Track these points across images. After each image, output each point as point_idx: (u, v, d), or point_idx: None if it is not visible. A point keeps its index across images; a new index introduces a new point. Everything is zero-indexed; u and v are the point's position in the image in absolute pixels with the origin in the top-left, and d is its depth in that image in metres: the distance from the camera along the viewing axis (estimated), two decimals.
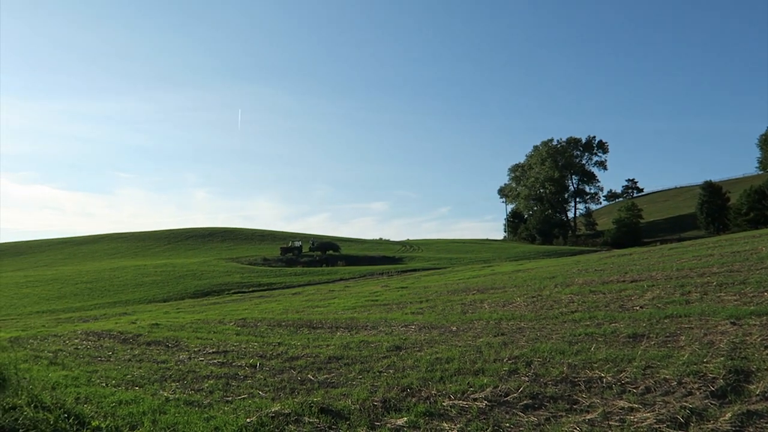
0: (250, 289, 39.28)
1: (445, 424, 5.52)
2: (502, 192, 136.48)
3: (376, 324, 13.37)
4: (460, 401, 6.18)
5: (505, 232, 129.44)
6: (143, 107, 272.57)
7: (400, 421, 5.68)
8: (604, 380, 6.48)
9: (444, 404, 6.13)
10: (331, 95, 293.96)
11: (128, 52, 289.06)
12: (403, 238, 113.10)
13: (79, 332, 16.98)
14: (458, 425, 5.47)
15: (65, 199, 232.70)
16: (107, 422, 6.34)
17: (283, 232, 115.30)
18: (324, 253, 71.44)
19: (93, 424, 6.18)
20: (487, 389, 6.49)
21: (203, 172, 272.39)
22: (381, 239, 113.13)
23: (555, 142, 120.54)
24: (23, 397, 6.96)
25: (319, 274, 47.82)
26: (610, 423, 5.21)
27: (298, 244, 75.39)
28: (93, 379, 9.40)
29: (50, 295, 44.24)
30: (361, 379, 7.86)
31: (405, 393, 6.72)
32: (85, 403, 7.43)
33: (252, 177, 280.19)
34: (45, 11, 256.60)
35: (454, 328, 11.58)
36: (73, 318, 27.05)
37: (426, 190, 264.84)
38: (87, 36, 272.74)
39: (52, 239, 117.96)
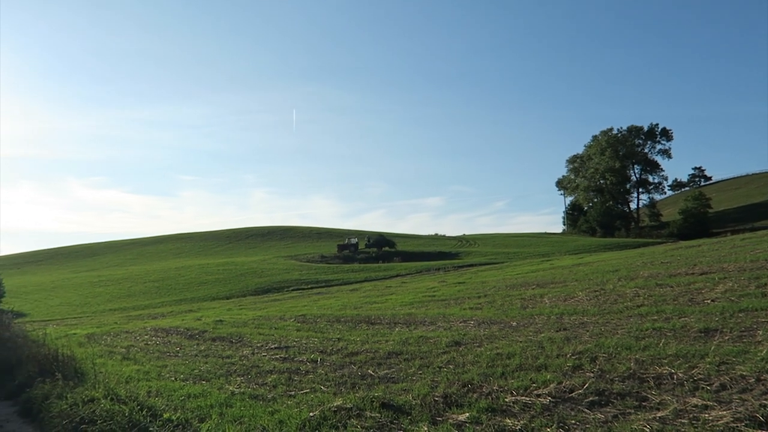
0: (309, 286, 39.95)
1: (508, 421, 5.43)
2: (561, 184, 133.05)
3: (434, 319, 13.32)
4: (523, 397, 6.07)
5: (563, 225, 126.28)
6: (205, 111, 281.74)
7: (462, 417, 5.64)
8: (675, 377, 6.22)
9: (506, 400, 6.03)
10: (385, 92, 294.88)
11: (190, 59, 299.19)
12: (459, 234, 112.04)
13: (149, 329, 17.74)
14: (522, 421, 5.37)
15: (133, 203, 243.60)
16: (177, 415, 6.58)
17: (339, 229, 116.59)
18: (380, 250, 71.77)
19: (164, 416, 6.44)
20: (551, 385, 6.35)
21: (262, 173, 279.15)
22: (437, 235, 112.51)
23: (615, 132, 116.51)
24: (100, 390, 7.33)
25: (376, 270, 48.10)
26: (683, 421, 4.99)
27: (354, 241, 76.00)
28: (163, 374, 9.79)
29: (121, 294, 46.41)
30: (421, 374, 7.85)
31: (466, 389, 6.66)
32: (157, 397, 7.75)
33: (309, 176, 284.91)
34: (111, 21, 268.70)
35: (514, 324, 11.39)
36: (142, 315, 28.29)
37: (481, 185, 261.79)
38: (151, 45, 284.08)
39: (122, 240, 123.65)
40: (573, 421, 5.28)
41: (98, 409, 6.50)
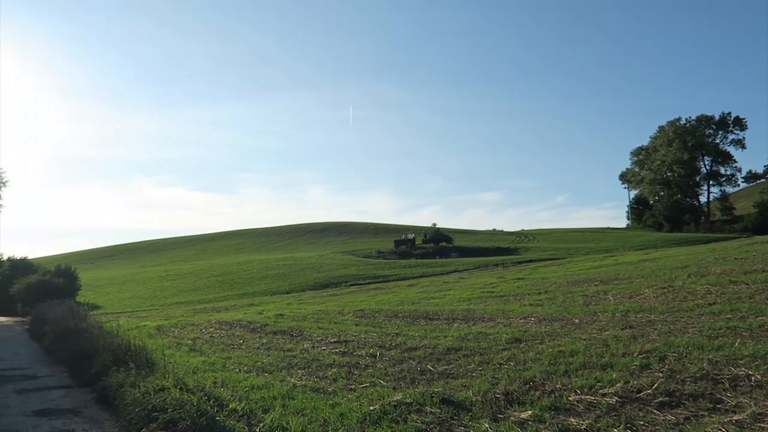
0: (366, 281, 40.27)
1: (573, 420, 5.29)
2: (624, 177, 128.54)
3: (493, 316, 13.16)
4: (588, 396, 5.91)
5: (628, 219, 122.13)
6: (264, 110, 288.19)
7: (524, 415, 5.54)
8: (753, 378, 5.89)
9: (570, 399, 5.88)
10: (440, 87, 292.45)
11: (251, 59, 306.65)
12: (517, 229, 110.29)
13: (213, 322, 18.35)
14: (587, 421, 5.23)
15: (197, 200, 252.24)
16: (242, 405, 6.78)
17: (395, 225, 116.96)
18: (437, 245, 71.55)
19: (230, 406, 6.64)
20: (617, 384, 6.14)
21: (319, 169, 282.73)
22: (494, 230, 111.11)
23: (683, 122, 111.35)
24: (170, 379, 7.63)
25: (433, 266, 47.97)
26: (763, 426, 4.72)
27: (411, 236, 76.07)
28: (227, 365, 10.10)
29: (186, 288, 48.23)
30: (480, 370, 7.77)
31: (528, 386, 6.54)
32: (222, 387, 8.00)
33: (365, 172, 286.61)
34: (180, 24, 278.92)
35: (577, 321, 11.10)
36: (207, 308, 29.28)
37: (541, 179, 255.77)
38: (216, 47, 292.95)
39: (186, 237, 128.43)
40: (641, 422, 5.09)
41: (169, 397, 6.77)
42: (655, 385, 5.98)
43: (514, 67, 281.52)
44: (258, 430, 5.86)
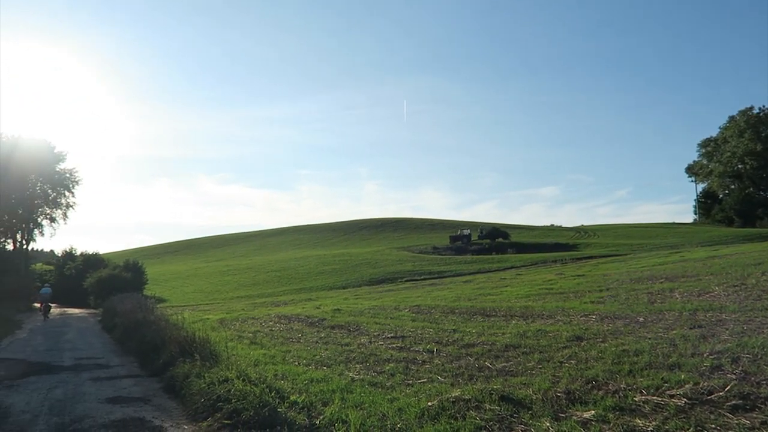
0: (422, 277, 40.24)
1: (639, 421, 5.12)
2: (691, 170, 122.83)
3: (552, 313, 12.89)
4: (654, 397, 5.70)
5: (695, 214, 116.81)
6: (320, 107, 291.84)
7: (586, 414, 5.40)
8: None
9: (635, 399, 5.69)
10: (495, 81, 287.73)
11: (308, 56, 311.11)
12: (576, 224, 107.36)
13: (273, 316, 18.80)
14: (654, 423, 5.04)
15: (255, 197, 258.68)
16: (302, 398, 6.91)
17: (451, 220, 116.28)
18: (493, 241, 70.63)
19: (291, 398, 6.79)
20: (686, 386, 5.90)
21: (374, 165, 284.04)
22: (552, 226, 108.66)
23: (756, 111, 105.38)
24: (233, 371, 7.88)
25: (489, 262, 47.42)
26: None
27: (467, 232, 75.41)
28: (287, 358, 10.33)
29: (246, 282, 49.58)
30: (540, 368, 7.63)
31: (590, 385, 6.37)
32: (282, 379, 8.18)
33: (420, 167, 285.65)
34: (242, 24, 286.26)
35: (641, 319, 10.72)
36: (266, 302, 30.01)
37: (601, 172, 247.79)
38: (274, 45, 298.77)
39: (246, 233, 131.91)
40: (713, 426, 4.87)
41: (232, 389, 6.99)
42: (728, 387, 5.71)
43: (571, 59, 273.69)
44: (318, 422, 5.96)
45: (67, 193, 54.89)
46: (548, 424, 5.28)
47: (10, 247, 53.48)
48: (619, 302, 13.46)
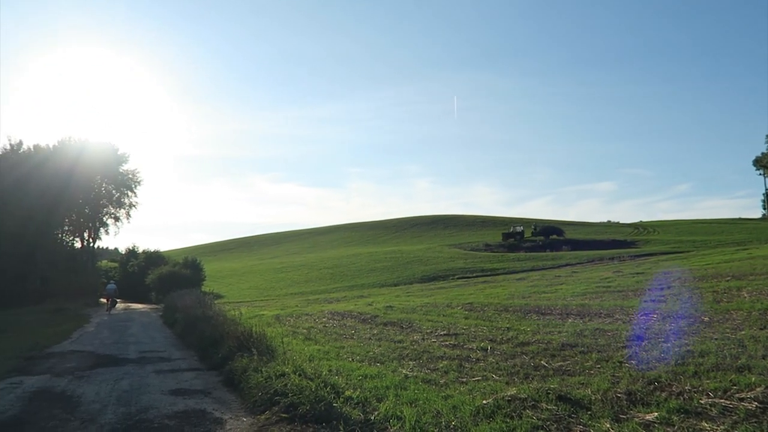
0: (474, 275, 39.86)
1: (705, 424, 4.91)
2: (760, 163, 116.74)
3: (610, 311, 12.53)
4: (722, 400, 5.45)
5: (764, 209, 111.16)
6: (371, 105, 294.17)
7: (649, 416, 5.22)
8: None
9: (701, 402, 5.46)
10: (547, 74, 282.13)
11: (361, 55, 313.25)
12: (635, 220, 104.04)
13: (326, 312, 19.04)
14: (722, 427, 4.83)
15: (308, 195, 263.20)
16: (357, 393, 6.97)
17: (503, 217, 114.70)
18: (547, 238, 69.26)
19: (346, 393, 6.87)
20: (757, 389, 5.61)
21: (425, 162, 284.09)
22: (609, 222, 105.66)
23: None
24: (289, 366, 8.03)
25: (543, 259, 46.51)
26: None
27: (519, 229, 74.19)
28: (341, 354, 10.43)
29: (300, 279, 50.40)
30: (599, 368, 7.43)
31: (652, 386, 6.16)
32: (337, 375, 8.27)
33: (471, 164, 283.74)
34: (297, 25, 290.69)
35: (706, 319, 10.28)
36: (319, 299, 30.43)
37: (661, 167, 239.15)
38: (327, 46, 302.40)
39: (298, 230, 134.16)
40: None
41: (289, 383, 7.13)
42: None
43: (627, 49, 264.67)
44: (373, 418, 5.99)
45: (129, 193, 57.36)
46: (608, 426, 5.13)
47: (78, 245, 56.30)
48: (681, 301, 12.95)
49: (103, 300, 40.92)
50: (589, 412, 5.58)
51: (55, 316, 26.68)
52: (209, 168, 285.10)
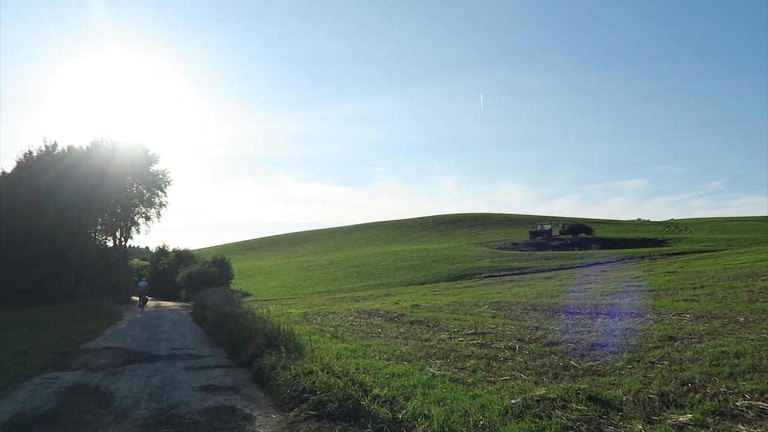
0: (501, 273, 39.56)
1: (742, 427, 4.79)
2: None
3: (641, 311, 12.31)
4: (759, 402, 5.31)
5: None
6: (397, 104, 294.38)
7: (683, 418, 5.12)
8: None
9: (737, 404, 5.33)
10: (574, 70, 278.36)
11: (386, 54, 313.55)
12: (666, 218, 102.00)
13: (353, 310, 19.10)
14: (759, 429, 4.71)
15: (334, 194, 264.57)
16: (384, 392, 6.97)
17: (530, 215, 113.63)
18: (575, 236, 68.37)
19: (373, 392, 6.87)
20: None
21: (451, 161, 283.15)
22: (639, 220, 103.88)
23: None
24: (317, 364, 8.08)
25: (571, 258, 45.93)
26: None
27: (547, 227, 73.39)
28: (368, 353, 10.45)
29: (326, 277, 50.66)
30: (630, 368, 7.30)
31: (686, 388, 6.04)
32: (364, 373, 8.28)
33: (497, 162, 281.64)
34: (327, 25, 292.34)
35: (741, 319, 10.03)
36: (345, 297, 30.55)
37: (693, 163, 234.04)
38: (344, 47, 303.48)
39: (325, 229, 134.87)
40: None
41: (317, 381, 7.18)
42: None
43: (657, 44, 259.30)
44: (401, 416, 5.99)
45: (159, 193, 58.27)
46: (640, 427, 5.04)
47: (110, 244, 57.52)
48: (715, 301, 12.67)
49: (135, 298, 41.79)
50: (620, 413, 5.49)
51: (89, 314, 27.29)
52: (237, 168, 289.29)
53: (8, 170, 47.28)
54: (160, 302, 44.47)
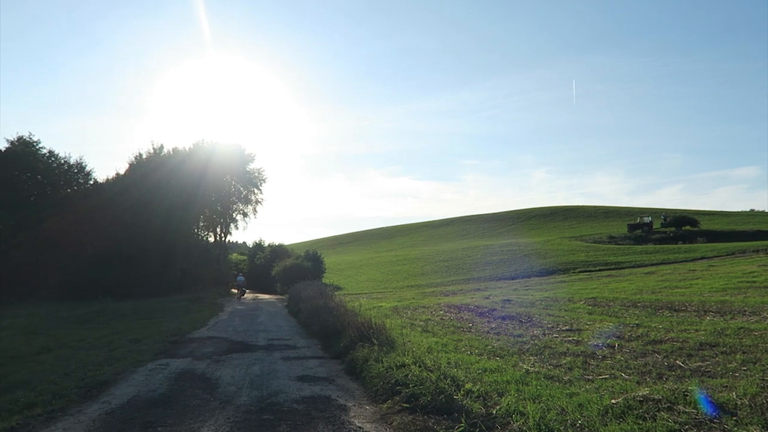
0: (597, 268, 37.94)
1: None
2: None
3: (756, 309, 11.39)
4: None
5: None
6: (485, 96, 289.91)
7: None
8: None
9: None
10: (673, 52, 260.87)
11: (474, 46, 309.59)
12: None
13: (442, 305, 19.05)
14: None
15: (422, 188, 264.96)
16: (477, 387, 6.90)
17: (628, 207, 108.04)
18: (679, 229, 64.22)
19: (466, 386, 6.83)
20: None
21: (541, 152, 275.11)
22: (752, 211, 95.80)
23: None
24: (409, 357, 8.14)
25: (675, 252, 43.20)
26: None
27: (647, 219, 69.44)
28: (459, 347, 10.39)
29: (415, 272, 50.81)
30: (745, 370, 6.78)
31: None
32: (456, 368, 8.24)
33: (589, 152, 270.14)
34: (415, 21, 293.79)
35: None
36: (435, 292, 30.52)
37: None
38: (431, 40, 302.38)
39: (414, 224, 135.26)
40: None
41: (410, 374, 7.24)
42: None
43: (760, 18, 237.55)
44: (495, 412, 5.91)
45: (256, 191, 60.95)
46: None
47: (211, 239, 60.92)
48: None
49: (234, 290, 44.00)
50: (734, 418, 5.11)
51: (193, 305, 29.06)
52: (329, 164, 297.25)
53: (122, 172, 51.26)
54: (257, 295, 46.53)
